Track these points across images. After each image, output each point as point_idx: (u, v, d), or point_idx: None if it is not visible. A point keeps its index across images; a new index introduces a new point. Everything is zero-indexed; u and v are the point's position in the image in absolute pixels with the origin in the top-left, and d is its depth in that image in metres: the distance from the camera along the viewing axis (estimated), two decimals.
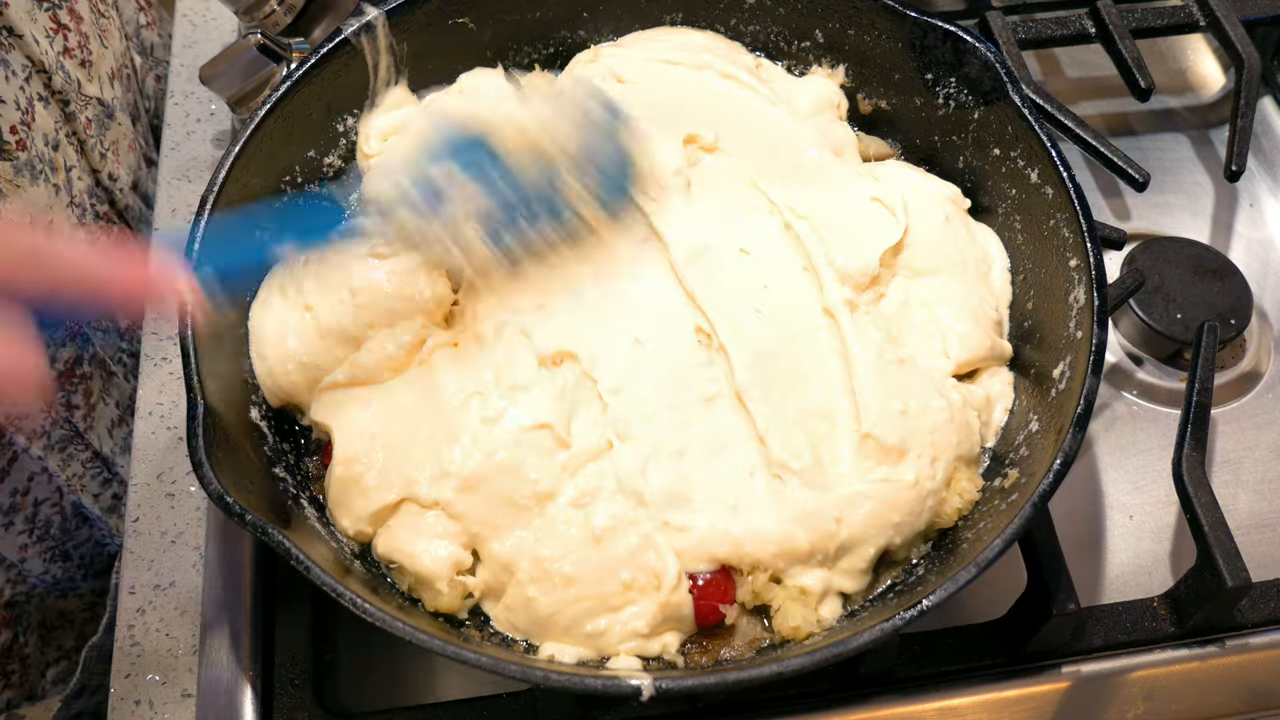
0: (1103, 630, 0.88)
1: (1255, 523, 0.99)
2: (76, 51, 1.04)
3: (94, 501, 1.08)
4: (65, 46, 1.02)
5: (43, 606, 1.10)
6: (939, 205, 0.94)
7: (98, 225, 1.08)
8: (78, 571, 1.11)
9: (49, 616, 1.12)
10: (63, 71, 1.01)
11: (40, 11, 0.99)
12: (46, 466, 1.01)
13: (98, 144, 1.07)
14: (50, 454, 1.01)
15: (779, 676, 0.69)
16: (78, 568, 1.11)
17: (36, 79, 0.97)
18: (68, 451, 1.03)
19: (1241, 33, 1.19)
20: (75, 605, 1.14)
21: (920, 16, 0.95)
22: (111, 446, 1.08)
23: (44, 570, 1.07)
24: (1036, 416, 0.84)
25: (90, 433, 1.05)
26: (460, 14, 1.00)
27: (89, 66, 1.06)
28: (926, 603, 0.70)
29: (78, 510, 1.08)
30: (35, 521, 1.03)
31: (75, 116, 1.03)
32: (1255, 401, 1.06)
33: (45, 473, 1.02)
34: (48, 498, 1.04)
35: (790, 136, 0.97)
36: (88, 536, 1.10)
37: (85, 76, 1.05)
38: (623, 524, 0.79)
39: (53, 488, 1.04)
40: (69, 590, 1.12)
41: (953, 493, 0.82)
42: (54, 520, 1.06)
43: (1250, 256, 1.15)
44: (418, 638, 0.69)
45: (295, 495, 0.83)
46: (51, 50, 0.99)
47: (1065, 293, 0.86)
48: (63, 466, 1.03)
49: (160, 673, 0.87)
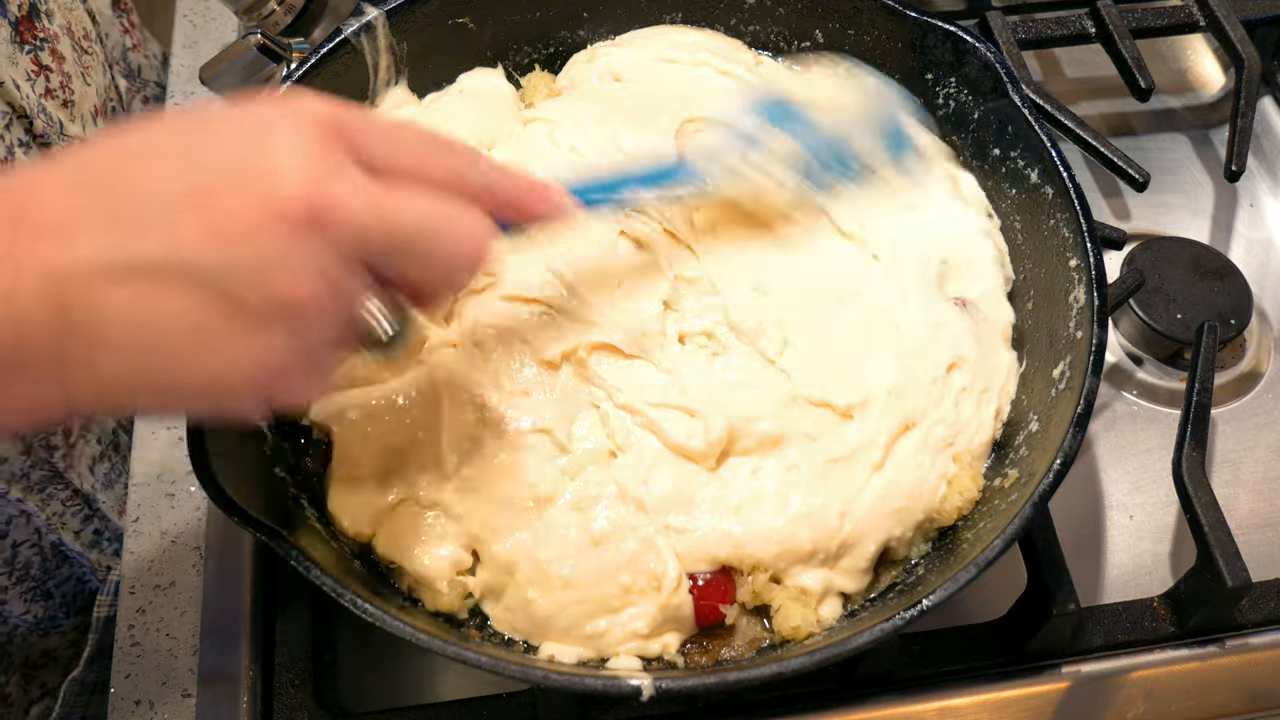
0: (1103, 630, 0.88)
1: (1255, 523, 0.99)
2: (59, 92, 1.01)
3: (74, 539, 1.06)
4: (47, 88, 1.00)
5: (25, 645, 1.09)
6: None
7: None
8: (59, 610, 1.09)
9: (32, 655, 1.10)
10: (44, 114, 0.98)
11: (21, 55, 0.96)
12: (26, 509, 0.99)
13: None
14: (29, 495, 0.99)
15: (779, 676, 0.69)
16: (59, 605, 1.09)
17: (17, 124, 0.94)
18: (47, 491, 1.01)
19: (1241, 33, 1.19)
20: (58, 642, 1.12)
21: (920, 16, 0.95)
22: (92, 483, 1.06)
23: (25, 610, 1.05)
24: (1036, 416, 0.84)
25: (70, 471, 1.03)
26: (460, 14, 1.00)
27: (71, 107, 1.03)
28: (926, 603, 0.70)
29: (57, 549, 1.06)
30: (14, 564, 1.02)
31: None
32: (1255, 401, 1.06)
33: (24, 515, 1.00)
34: (26, 539, 1.02)
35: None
36: (69, 574, 1.08)
37: (67, 117, 1.02)
38: (622, 529, 0.79)
39: (31, 529, 1.02)
40: (51, 628, 1.10)
41: (953, 491, 0.83)
42: (34, 561, 1.04)
43: (1250, 256, 1.15)
44: (418, 638, 0.69)
45: (295, 495, 0.83)
46: (33, 94, 0.97)
47: (1065, 293, 0.86)
48: (42, 506, 1.01)
49: (160, 673, 0.87)
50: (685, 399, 0.82)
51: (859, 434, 0.82)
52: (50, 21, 1.01)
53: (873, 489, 0.81)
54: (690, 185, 0.84)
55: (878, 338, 0.86)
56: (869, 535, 0.80)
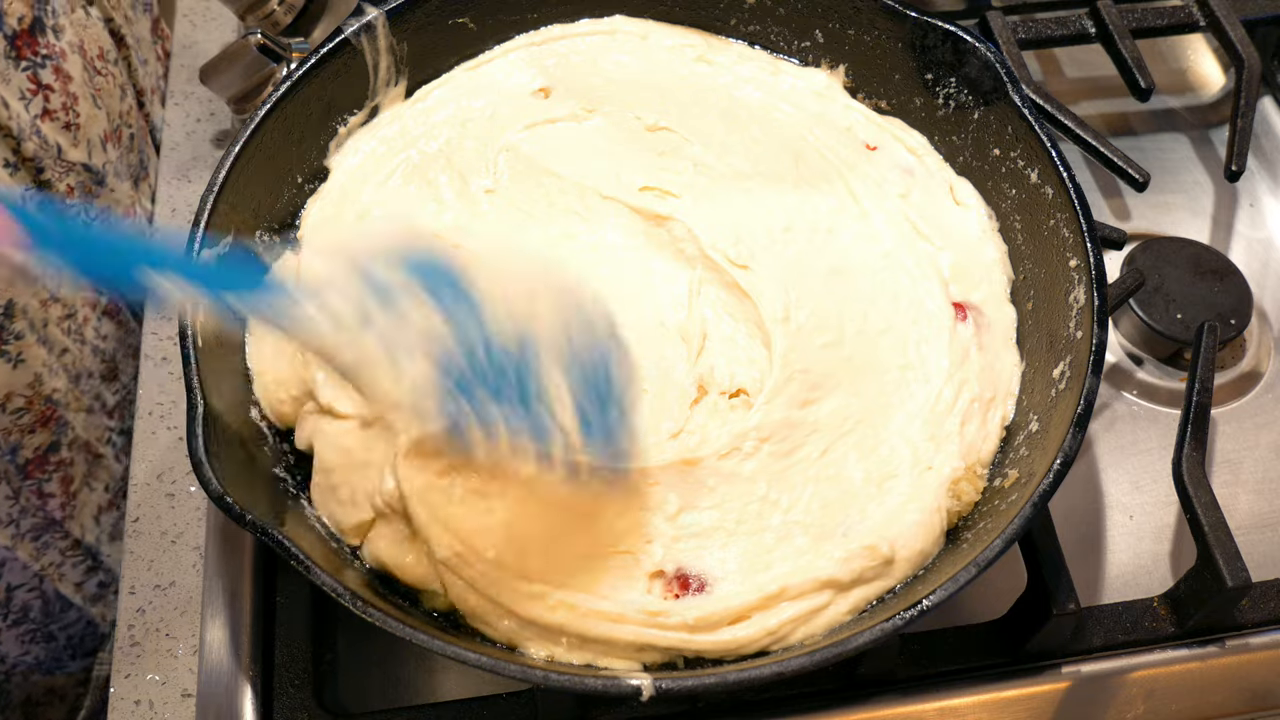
0: (1103, 630, 0.88)
1: (1255, 523, 0.99)
2: (59, 114, 0.95)
3: (75, 591, 1.03)
4: (45, 109, 0.93)
5: (26, 684, 1.06)
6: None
7: (78, 298, 1.00)
8: (64, 652, 1.06)
9: (34, 693, 1.08)
10: (38, 136, 0.92)
11: (16, 71, 0.90)
12: (16, 555, 0.97)
13: (80, 214, 0.98)
14: (19, 543, 0.97)
15: (779, 676, 0.69)
16: (64, 648, 1.06)
17: (3, 145, 0.89)
18: (43, 540, 0.99)
19: (1241, 33, 1.19)
20: (64, 682, 1.10)
21: (920, 16, 0.95)
22: (97, 534, 1.03)
23: (23, 652, 1.03)
24: (1036, 416, 0.84)
25: (70, 521, 1.00)
26: (460, 14, 1.00)
27: (74, 130, 0.97)
28: (926, 603, 0.70)
29: (60, 594, 1.03)
30: (9, 606, 0.99)
31: (52, 185, 0.94)
32: (1255, 401, 1.06)
33: (17, 560, 0.98)
34: (24, 583, 0.99)
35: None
36: (76, 618, 1.06)
37: (68, 141, 0.96)
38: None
39: (29, 574, 0.99)
40: (55, 670, 1.07)
41: (954, 495, 0.82)
42: (33, 605, 1.01)
43: (1250, 256, 1.15)
44: (418, 638, 0.69)
45: (295, 495, 0.83)
46: (25, 114, 0.91)
47: (1065, 293, 0.86)
48: (36, 556, 0.98)
49: (160, 673, 0.87)
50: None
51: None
52: (57, 38, 0.95)
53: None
54: (260, 307, 0.64)
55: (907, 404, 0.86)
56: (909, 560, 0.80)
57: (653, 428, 0.82)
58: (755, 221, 0.91)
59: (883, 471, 0.82)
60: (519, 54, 1.02)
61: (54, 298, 0.98)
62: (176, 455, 0.97)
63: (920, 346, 0.87)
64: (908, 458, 0.83)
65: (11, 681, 1.05)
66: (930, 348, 0.87)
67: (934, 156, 0.98)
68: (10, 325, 0.91)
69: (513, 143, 0.96)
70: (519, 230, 0.91)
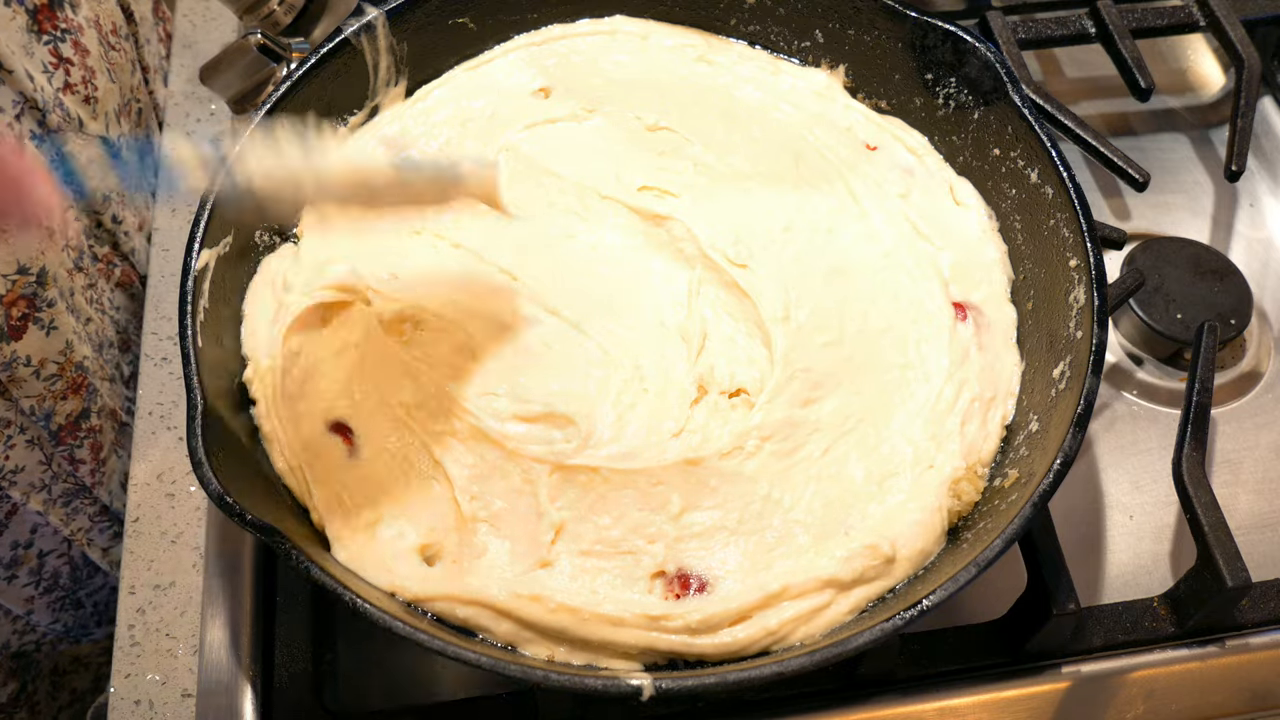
0: (1103, 630, 0.88)
1: (1255, 523, 0.99)
2: (80, 87, 0.97)
3: (102, 556, 1.04)
4: (66, 82, 0.95)
5: (54, 653, 1.08)
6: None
7: (96, 269, 1.02)
8: (91, 619, 1.08)
9: (61, 662, 1.10)
10: (61, 109, 0.94)
11: (38, 45, 0.92)
12: (48, 520, 0.98)
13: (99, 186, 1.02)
14: (51, 508, 0.98)
15: (779, 676, 0.69)
16: (90, 615, 1.08)
17: (29, 115, 0.91)
18: (73, 505, 1.00)
19: (1241, 33, 1.19)
20: (90, 650, 1.12)
21: (920, 16, 0.95)
22: (124, 501, 1.04)
23: (54, 619, 1.04)
24: (1036, 416, 0.84)
25: (99, 487, 1.02)
26: (460, 14, 1.00)
27: (93, 103, 0.99)
28: (926, 603, 0.70)
29: (88, 559, 1.05)
30: (41, 574, 1.01)
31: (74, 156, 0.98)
32: (1255, 401, 1.06)
33: (49, 525, 0.99)
34: (54, 549, 1.01)
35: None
36: (102, 584, 1.07)
37: (88, 114, 0.98)
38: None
39: (59, 539, 1.01)
40: (82, 637, 1.09)
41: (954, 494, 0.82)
42: (62, 571, 1.03)
43: (1250, 256, 1.15)
44: (418, 638, 0.69)
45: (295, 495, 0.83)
46: (49, 86, 0.93)
47: (1065, 293, 0.86)
48: (66, 521, 1.00)
49: (160, 673, 0.87)
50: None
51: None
52: (75, 12, 0.97)
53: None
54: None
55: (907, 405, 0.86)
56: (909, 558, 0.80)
57: (654, 427, 0.82)
58: (755, 221, 0.91)
59: (884, 470, 0.82)
60: (519, 54, 1.02)
61: (78, 267, 0.99)
62: (176, 455, 0.97)
63: (920, 346, 0.88)
64: (909, 456, 0.83)
65: (41, 650, 1.07)
66: (930, 347, 0.87)
67: (934, 156, 0.98)
68: (43, 293, 0.92)
69: (513, 143, 0.96)
70: (519, 230, 0.92)
